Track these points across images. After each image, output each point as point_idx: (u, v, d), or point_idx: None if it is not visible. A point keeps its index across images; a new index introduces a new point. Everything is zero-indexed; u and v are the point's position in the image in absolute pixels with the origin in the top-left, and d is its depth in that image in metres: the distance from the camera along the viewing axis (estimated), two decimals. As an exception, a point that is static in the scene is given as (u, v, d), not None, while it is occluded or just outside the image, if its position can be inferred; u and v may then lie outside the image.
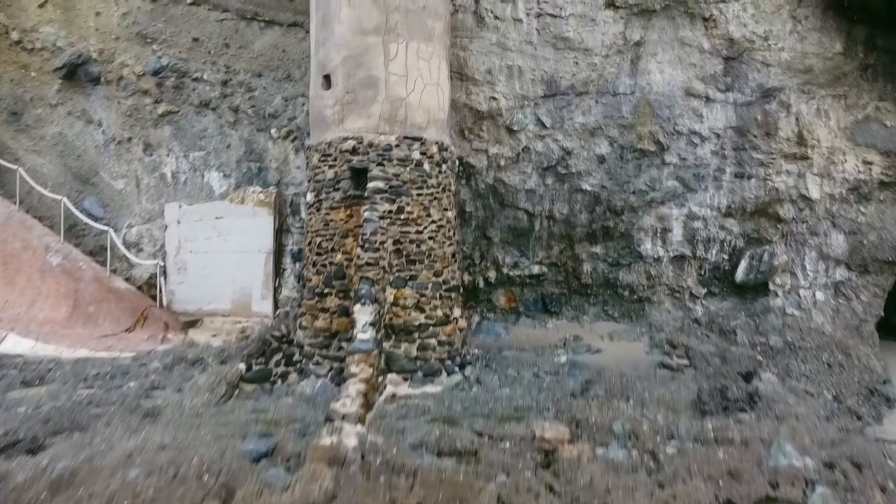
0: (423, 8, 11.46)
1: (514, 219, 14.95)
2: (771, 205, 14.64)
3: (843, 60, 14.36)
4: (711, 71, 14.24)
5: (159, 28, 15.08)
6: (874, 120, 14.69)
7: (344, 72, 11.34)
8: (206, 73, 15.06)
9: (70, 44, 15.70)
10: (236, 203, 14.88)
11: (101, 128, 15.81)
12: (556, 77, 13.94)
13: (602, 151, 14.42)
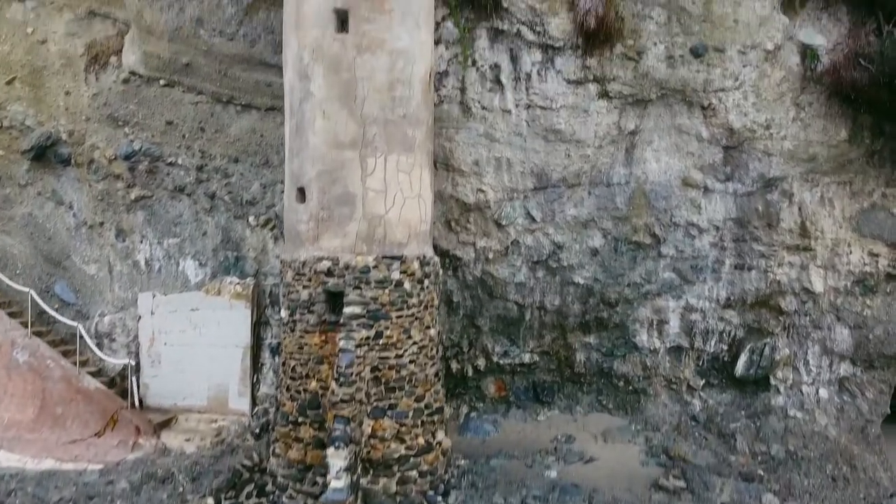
0: (402, 117, 10.77)
1: (504, 309, 14.27)
2: (772, 297, 13.97)
3: (849, 147, 13.70)
4: (710, 160, 13.56)
5: (131, 110, 14.38)
6: (881, 208, 14.04)
7: (319, 186, 10.66)
8: (180, 158, 14.36)
9: (39, 123, 15.01)
10: (212, 294, 14.21)
11: (73, 210, 15.12)
12: (547, 169, 13.26)
13: (595, 244, 13.74)
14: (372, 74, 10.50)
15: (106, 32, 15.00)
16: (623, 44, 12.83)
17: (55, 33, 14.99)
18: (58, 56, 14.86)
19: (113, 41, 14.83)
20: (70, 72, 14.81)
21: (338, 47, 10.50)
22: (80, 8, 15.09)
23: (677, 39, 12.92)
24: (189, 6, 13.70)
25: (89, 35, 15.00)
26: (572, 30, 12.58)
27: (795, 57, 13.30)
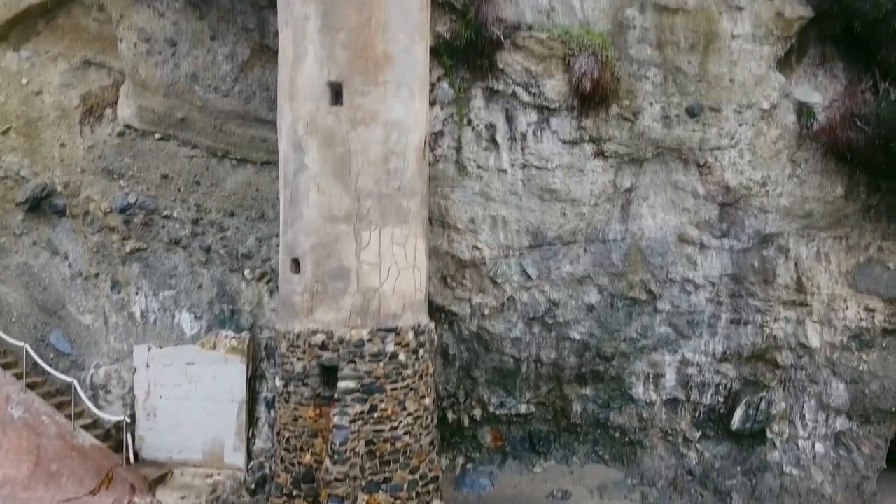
0: (397, 189, 10.75)
1: (500, 361, 14.24)
2: (769, 351, 13.95)
3: (845, 203, 13.69)
4: (706, 216, 13.55)
5: (126, 163, 14.33)
6: (877, 262, 14.02)
7: (313, 259, 10.64)
8: (175, 211, 14.32)
9: (34, 173, 14.96)
10: (208, 348, 14.17)
11: (68, 261, 15.08)
12: (543, 228, 13.23)
13: (591, 300, 13.72)
14: (366, 148, 10.48)
15: (101, 83, 14.94)
16: (619, 104, 12.81)
17: (50, 84, 14.93)
18: (52, 107, 14.81)
19: (108, 92, 14.77)
20: (65, 123, 14.75)
21: (332, 121, 10.48)
22: (75, 58, 15.03)
23: (673, 99, 12.91)
24: (184, 62, 13.67)
25: (84, 85, 14.94)
26: (568, 91, 12.55)
27: (791, 115, 13.28)
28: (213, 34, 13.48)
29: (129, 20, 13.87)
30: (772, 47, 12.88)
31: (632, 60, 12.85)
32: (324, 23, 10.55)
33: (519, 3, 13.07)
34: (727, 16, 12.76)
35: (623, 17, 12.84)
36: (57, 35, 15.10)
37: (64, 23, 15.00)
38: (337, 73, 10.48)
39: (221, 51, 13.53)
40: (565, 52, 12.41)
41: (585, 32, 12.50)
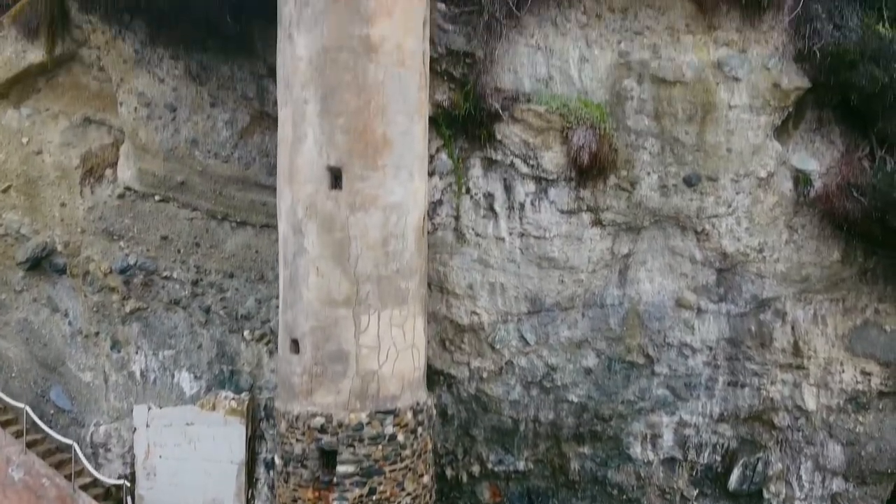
0: (396, 272, 10.82)
1: (499, 421, 14.30)
2: (766, 412, 14.03)
3: (842, 267, 13.76)
4: (704, 281, 13.62)
5: (127, 224, 14.40)
6: (874, 324, 14.10)
7: (312, 342, 10.70)
8: (175, 272, 14.38)
9: (35, 231, 15.02)
10: (207, 409, 14.23)
11: (68, 318, 15.14)
12: (541, 295, 13.30)
13: (589, 364, 13.79)
14: (365, 233, 10.54)
15: (101, 141, 15.01)
16: (617, 174, 12.88)
17: (50, 143, 14.98)
18: (53, 167, 14.87)
19: (108, 152, 14.84)
20: (65, 183, 14.81)
21: (331, 206, 10.55)
22: (75, 115, 15.09)
23: (671, 169, 12.97)
24: (184, 128, 13.73)
25: (84, 144, 15.00)
26: (566, 163, 12.62)
27: (788, 182, 13.35)
28: (212, 101, 13.54)
29: (129, 84, 13.92)
30: (769, 117, 12.96)
31: (629, 131, 12.91)
32: (323, 107, 10.61)
33: (517, 72, 13.14)
34: (724, 86, 12.83)
35: (621, 87, 12.91)
36: (57, 93, 15.16)
37: (64, 81, 15.05)
38: (336, 158, 10.54)
39: (221, 117, 13.59)
40: (563, 124, 12.48)
41: (583, 105, 12.57)
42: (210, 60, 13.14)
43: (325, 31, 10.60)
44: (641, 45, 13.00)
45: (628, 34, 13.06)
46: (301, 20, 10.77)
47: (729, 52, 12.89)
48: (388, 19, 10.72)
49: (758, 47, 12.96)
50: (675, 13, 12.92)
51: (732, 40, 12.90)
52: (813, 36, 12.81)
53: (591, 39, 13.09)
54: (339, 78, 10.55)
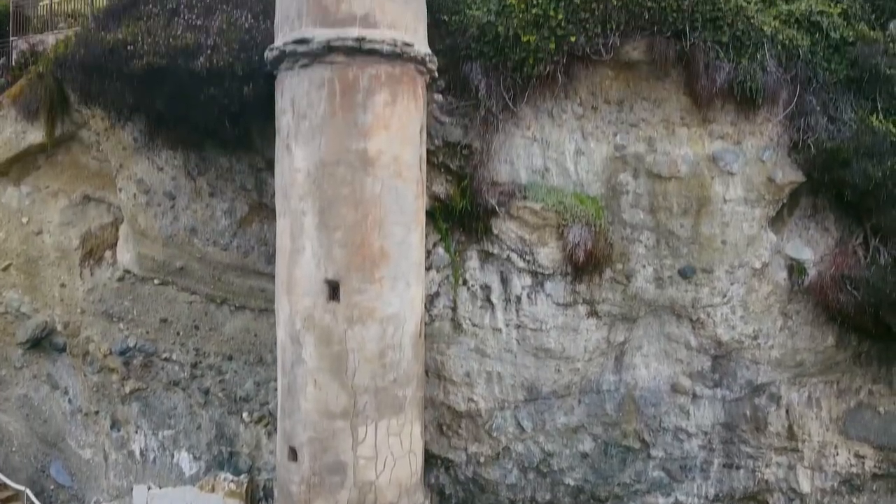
0: (393, 381, 10.92)
1: (496, 501, 14.42)
2: (760, 493, 14.15)
3: (836, 352, 13.86)
4: (699, 367, 13.72)
5: (126, 307, 14.50)
6: (867, 406, 14.21)
7: (310, 452, 10.81)
8: (175, 354, 14.49)
9: (35, 310, 15.15)
10: (206, 491, 14.33)
11: (68, 396, 15.28)
12: (538, 384, 13.40)
13: (585, 448, 13.90)
14: (363, 346, 10.64)
15: (100, 220, 15.11)
16: (612, 268, 12.98)
17: (50, 223, 15.10)
18: (52, 248, 14.98)
19: (108, 232, 14.95)
20: (65, 264, 14.93)
21: (329, 319, 10.64)
22: (75, 193, 15.21)
23: (666, 261, 13.07)
24: (183, 215, 13.82)
25: (84, 223, 15.11)
26: (562, 259, 12.72)
27: (783, 272, 13.45)
28: (211, 190, 13.63)
29: (128, 170, 14.02)
30: (763, 209, 13.05)
31: (625, 224, 13.01)
32: (321, 220, 10.70)
33: (514, 164, 13.24)
34: (719, 180, 12.92)
35: (616, 181, 13.01)
36: (57, 170, 15.28)
37: (64, 159, 15.17)
38: (334, 272, 10.64)
39: (220, 206, 13.68)
40: (559, 221, 12.58)
41: (579, 201, 12.66)
42: (209, 153, 13.23)
43: (323, 145, 10.70)
44: (637, 137, 13.09)
45: (624, 126, 13.15)
46: (299, 132, 10.86)
47: (724, 144, 12.98)
48: (385, 132, 10.81)
49: (752, 138, 13.05)
50: (671, 106, 13.01)
51: (727, 133, 12.98)
52: (807, 129, 12.91)
53: (587, 131, 13.19)
54: (336, 192, 10.64)
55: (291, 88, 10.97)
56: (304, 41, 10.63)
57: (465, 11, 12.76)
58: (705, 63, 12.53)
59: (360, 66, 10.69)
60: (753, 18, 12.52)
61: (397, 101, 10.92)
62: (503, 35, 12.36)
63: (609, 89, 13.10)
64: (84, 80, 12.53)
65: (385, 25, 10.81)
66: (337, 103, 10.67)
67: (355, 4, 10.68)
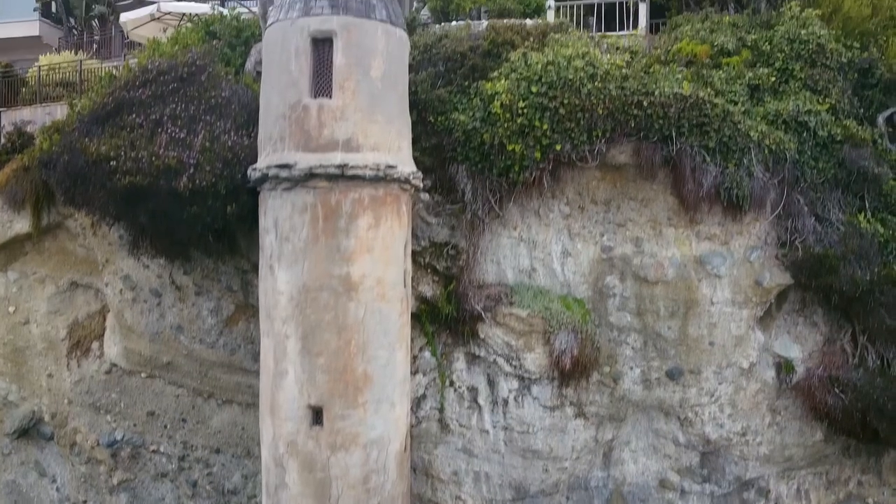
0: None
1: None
2: (750, 585, 14.13)
3: (825, 445, 13.82)
4: (687, 463, 13.68)
5: (113, 399, 14.46)
6: (857, 497, 14.20)
7: (295, 577, 10.76)
8: (162, 446, 14.45)
9: (22, 398, 15.12)
10: (195, 583, 14.33)
11: (56, 484, 15.26)
12: (525, 483, 13.35)
13: (574, 543, 13.88)
14: (346, 472, 10.61)
15: (88, 308, 15.06)
16: (599, 371, 12.94)
17: (37, 312, 15.05)
18: (39, 338, 14.94)
19: (95, 321, 14.90)
20: (52, 355, 14.89)
21: (312, 445, 10.61)
22: (62, 280, 15.16)
23: (653, 363, 13.03)
24: (169, 313, 13.78)
25: (71, 311, 15.07)
26: (548, 364, 12.67)
27: (771, 370, 13.39)
28: (197, 289, 13.59)
29: (114, 265, 13.99)
30: (751, 310, 13.01)
31: (612, 327, 12.97)
32: (304, 345, 10.66)
33: (500, 263, 13.21)
34: (706, 282, 12.88)
35: (603, 284, 12.96)
36: (44, 256, 15.23)
37: (51, 246, 15.12)
38: (317, 398, 10.60)
39: (206, 305, 13.64)
40: (545, 328, 12.53)
41: (565, 307, 12.62)
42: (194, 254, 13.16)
43: (306, 270, 10.65)
44: (624, 237, 13.05)
45: (611, 226, 13.11)
46: (282, 255, 10.81)
47: (711, 246, 12.93)
48: (369, 255, 10.77)
49: (740, 238, 13.00)
50: (658, 206, 12.96)
51: (714, 234, 12.93)
52: (794, 231, 12.87)
53: (573, 231, 13.14)
54: (319, 317, 10.60)
55: (274, 209, 10.92)
56: (286, 166, 10.58)
57: (451, 114, 12.69)
58: (692, 167, 12.48)
59: (343, 190, 10.64)
60: (740, 123, 12.46)
61: (381, 224, 10.87)
62: (488, 142, 12.31)
63: (596, 190, 13.05)
64: (68, 185, 12.42)
65: (368, 148, 10.76)
66: (319, 228, 10.62)
67: (338, 129, 10.64)
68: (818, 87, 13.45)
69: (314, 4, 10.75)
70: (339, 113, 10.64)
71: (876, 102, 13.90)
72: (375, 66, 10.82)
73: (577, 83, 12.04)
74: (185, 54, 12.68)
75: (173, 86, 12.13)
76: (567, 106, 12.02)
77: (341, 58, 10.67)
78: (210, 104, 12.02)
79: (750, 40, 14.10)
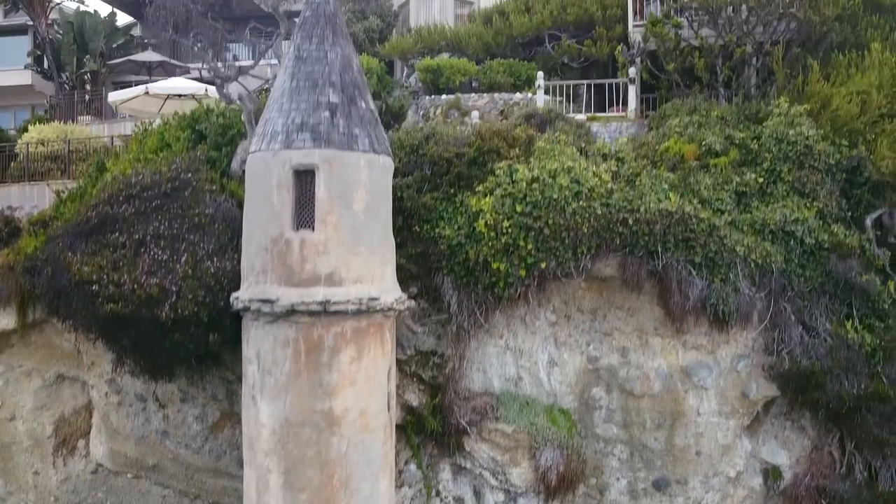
0: None
1: None
2: None
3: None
4: (675, 567, 13.64)
5: (100, 498, 14.41)
6: None
7: None
8: (148, 547, 14.42)
9: (8, 493, 15.04)
10: None
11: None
12: (512, 590, 13.33)
13: None
14: None
15: (74, 402, 15.01)
16: (586, 483, 12.92)
17: (23, 407, 14.97)
18: (26, 435, 14.87)
19: (82, 418, 14.85)
20: (38, 452, 14.82)
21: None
22: (49, 373, 15.09)
23: (640, 474, 12.99)
24: (154, 418, 13.73)
25: (58, 406, 15.01)
26: (534, 479, 12.64)
27: (758, 476, 13.37)
28: (182, 396, 13.54)
29: (99, 368, 13.93)
30: (738, 420, 12.98)
31: (598, 438, 12.94)
32: (286, 480, 10.60)
33: (487, 372, 13.17)
34: (693, 394, 12.85)
35: (589, 396, 12.92)
36: (30, 349, 15.14)
37: (37, 339, 15.01)
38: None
39: (191, 412, 13.59)
40: (531, 443, 12.51)
41: (551, 421, 12.59)
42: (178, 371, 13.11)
43: (288, 405, 10.58)
44: (610, 347, 13.02)
45: (597, 335, 13.07)
46: (264, 387, 10.75)
47: (698, 356, 12.90)
48: (352, 388, 10.71)
49: (727, 347, 12.97)
50: (644, 315, 12.93)
51: (701, 344, 12.90)
52: (781, 341, 12.84)
53: (560, 340, 13.11)
54: (301, 453, 10.54)
55: (257, 340, 10.86)
56: (268, 301, 10.51)
57: (437, 224, 12.63)
58: (678, 280, 12.47)
59: (326, 325, 10.58)
60: (727, 238, 12.43)
61: (364, 356, 10.81)
62: (473, 259, 12.25)
63: (582, 299, 13.02)
64: (51, 297, 12.41)
65: (351, 281, 10.71)
66: (302, 363, 10.57)
67: (320, 264, 10.58)
68: (806, 189, 13.39)
69: (296, 137, 10.69)
70: (321, 247, 10.58)
71: (864, 202, 13.83)
72: (358, 198, 10.76)
73: (561, 202, 12.01)
74: (170, 165, 12.61)
75: (156, 202, 12.06)
76: (552, 226, 11.98)
77: (323, 191, 10.61)
78: (193, 222, 11.96)
79: (738, 138, 14.02)
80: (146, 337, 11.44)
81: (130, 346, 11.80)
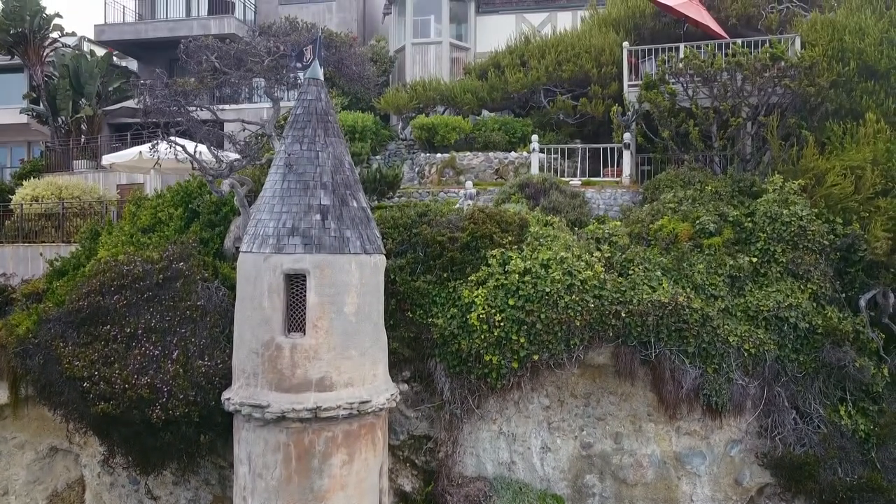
0: None
1: None
2: None
3: None
4: None
5: (93, 576, 14.40)
6: None
7: None
8: None
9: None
10: None
11: None
12: None
13: None
14: None
15: (67, 476, 14.96)
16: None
17: (16, 481, 14.94)
18: (19, 512, 14.84)
19: (75, 493, 14.79)
20: (31, 537, 14.79)
21: None
22: (42, 445, 15.04)
23: (633, 562, 12.95)
24: (147, 500, 13.68)
25: (51, 479, 14.96)
26: (527, 568, 12.59)
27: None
28: (175, 479, 13.49)
29: (92, 448, 13.90)
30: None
31: (592, 531, 12.91)
32: (277, 585, 10.56)
33: (480, 456, 13.12)
34: (686, 480, 12.81)
35: (582, 483, 12.89)
36: (23, 422, 15.10)
37: (30, 412, 14.99)
38: None
39: (184, 495, 13.54)
40: (524, 534, 12.46)
41: (544, 510, 12.55)
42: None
43: (279, 510, 10.57)
44: (604, 432, 12.98)
45: (591, 420, 13.03)
46: (255, 490, 10.73)
47: (691, 442, 12.86)
48: (343, 492, 10.70)
49: (720, 433, 12.92)
50: (638, 401, 12.90)
51: (694, 430, 12.85)
52: (775, 427, 12.80)
53: (553, 425, 13.06)
54: (293, 558, 10.51)
55: (248, 443, 10.84)
56: (259, 407, 10.49)
57: (429, 312, 12.60)
58: (671, 369, 12.45)
59: (317, 430, 10.56)
60: (719, 328, 12.39)
61: (355, 459, 10.79)
62: (466, 350, 12.22)
63: (575, 385, 12.99)
64: (42, 386, 12.40)
65: (342, 385, 10.69)
66: (293, 468, 10.55)
67: (311, 369, 10.56)
68: (800, 271, 13.33)
69: (287, 241, 10.66)
70: (312, 353, 10.56)
71: (858, 282, 13.77)
72: (349, 301, 10.74)
73: (554, 296, 11.98)
74: (161, 253, 12.59)
75: (148, 294, 12.05)
76: (545, 320, 11.95)
77: (314, 296, 10.58)
78: (185, 315, 11.94)
79: (732, 216, 13.98)
80: (137, 435, 11.40)
81: (121, 442, 11.76)
